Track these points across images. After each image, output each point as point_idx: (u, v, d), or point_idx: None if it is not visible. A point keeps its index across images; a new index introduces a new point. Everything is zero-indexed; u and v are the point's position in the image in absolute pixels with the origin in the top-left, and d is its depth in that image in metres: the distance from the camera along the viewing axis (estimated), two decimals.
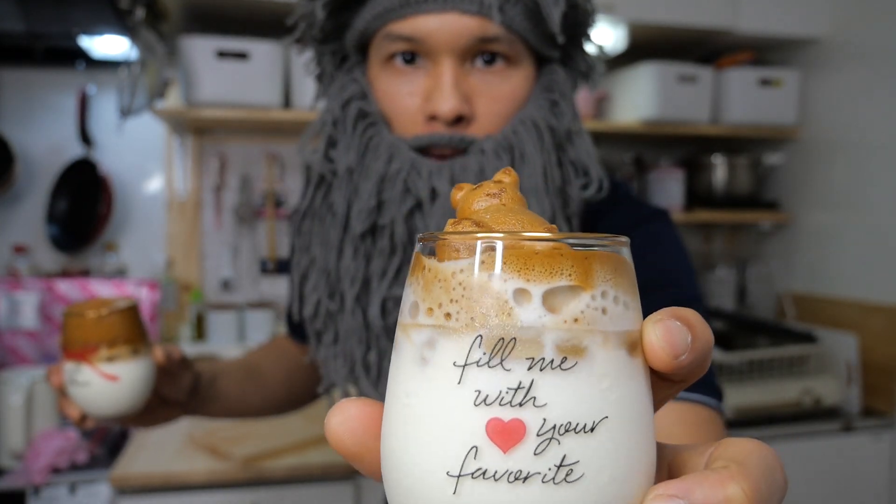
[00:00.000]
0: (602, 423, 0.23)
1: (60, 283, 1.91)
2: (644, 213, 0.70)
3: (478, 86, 0.62)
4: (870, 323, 1.95)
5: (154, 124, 2.02)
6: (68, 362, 0.64)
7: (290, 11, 0.70)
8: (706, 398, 0.57)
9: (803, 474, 1.85)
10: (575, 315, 0.23)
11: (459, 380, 0.22)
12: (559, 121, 0.64)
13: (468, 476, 0.22)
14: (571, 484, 0.22)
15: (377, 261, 0.63)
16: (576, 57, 0.68)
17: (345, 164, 0.64)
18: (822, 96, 2.16)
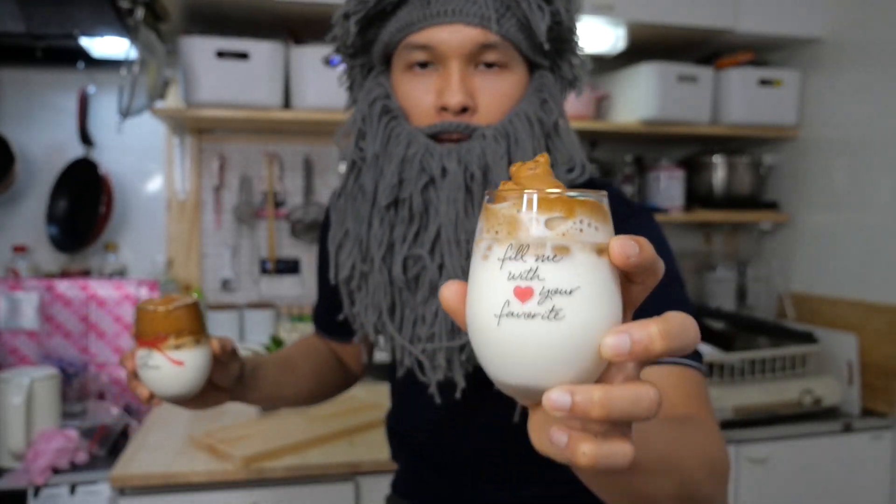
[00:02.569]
0: (576, 290, 0.39)
1: (60, 283, 1.91)
2: (634, 209, 0.82)
3: (480, 84, 0.76)
4: (870, 323, 1.95)
5: (154, 124, 2.02)
6: (141, 349, 0.75)
7: (290, 12, 0.81)
8: (685, 360, 0.72)
9: (803, 474, 1.85)
10: (563, 231, 0.40)
11: (500, 267, 0.40)
12: (548, 116, 0.78)
13: (504, 316, 0.39)
14: (558, 321, 0.39)
15: (399, 228, 0.77)
16: (562, 66, 0.82)
17: (372, 151, 0.78)
18: (822, 96, 2.16)
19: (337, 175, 2.24)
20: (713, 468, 0.60)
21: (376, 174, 0.78)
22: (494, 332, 0.40)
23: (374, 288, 0.79)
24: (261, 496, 1.45)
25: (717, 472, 0.61)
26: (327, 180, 2.25)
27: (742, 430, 1.80)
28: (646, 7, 1.95)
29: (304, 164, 2.22)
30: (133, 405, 1.91)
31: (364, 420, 1.68)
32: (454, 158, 0.74)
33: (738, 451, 1.80)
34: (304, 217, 2.21)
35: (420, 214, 0.76)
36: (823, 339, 2.00)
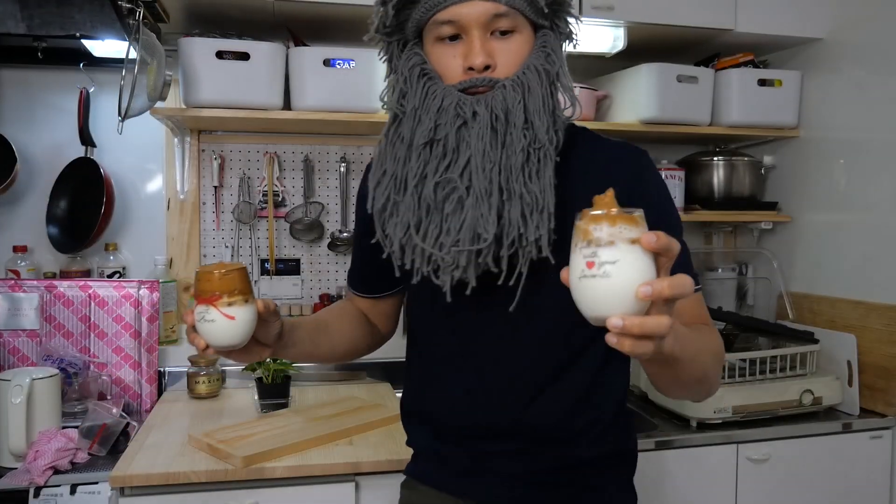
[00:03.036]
0: (617, 262, 0.66)
1: (60, 283, 1.91)
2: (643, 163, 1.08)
3: (497, 47, 0.94)
4: (869, 323, 1.95)
5: (154, 124, 2.02)
6: (199, 306, 0.91)
7: (290, 12, 0.89)
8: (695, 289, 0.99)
9: (803, 474, 1.85)
10: (610, 233, 0.66)
11: (580, 253, 0.68)
12: (551, 66, 0.96)
13: (582, 277, 0.67)
14: (607, 278, 0.66)
15: (432, 162, 0.93)
16: (559, 24, 0.99)
17: (412, 105, 0.95)
18: (821, 96, 2.16)
19: (337, 175, 2.25)
20: (716, 356, 0.97)
21: (414, 124, 0.95)
22: (578, 285, 0.68)
23: (404, 210, 0.94)
24: (261, 496, 1.45)
25: (718, 359, 0.98)
26: (327, 180, 2.25)
27: (742, 430, 1.81)
28: (646, 7, 1.95)
29: (304, 164, 2.22)
30: (133, 405, 1.91)
31: (364, 420, 1.68)
32: (482, 104, 0.92)
33: (738, 451, 1.80)
34: (304, 217, 2.21)
35: (453, 149, 0.92)
36: (823, 339, 2.00)
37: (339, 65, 1.86)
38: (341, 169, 2.24)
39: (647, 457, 1.73)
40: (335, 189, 2.25)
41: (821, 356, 2.00)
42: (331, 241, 2.24)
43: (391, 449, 1.54)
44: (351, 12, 1.85)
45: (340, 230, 2.25)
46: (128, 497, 1.40)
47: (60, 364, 1.82)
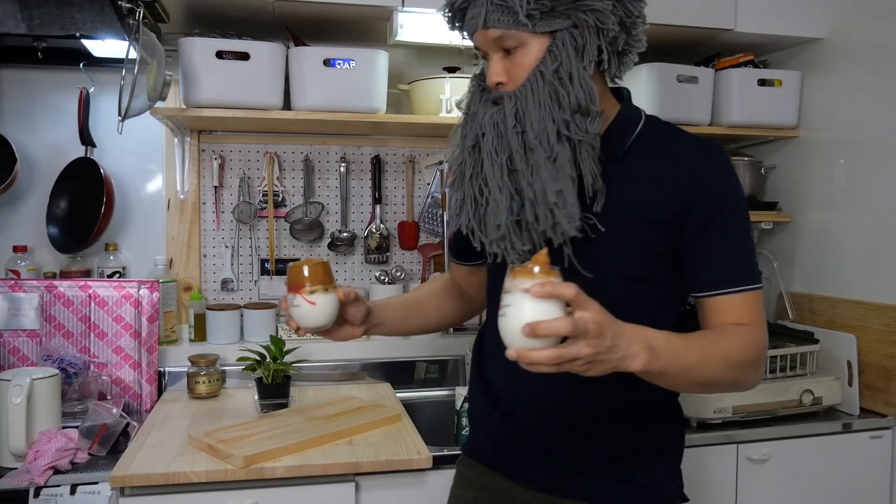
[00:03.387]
0: (511, 305, 0.84)
1: (60, 283, 1.91)
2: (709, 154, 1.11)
3: (507, 64, 1.06)
4: (869, 323, 1.95)
5: (154, 124, 2.02)
6: (290, 294, 1.12)
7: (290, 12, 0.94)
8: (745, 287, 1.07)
9: (803, 474, 1.85)
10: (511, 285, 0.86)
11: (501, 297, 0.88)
12: (552, 64, 1.02)
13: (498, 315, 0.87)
14: (504, 317, 0.84)
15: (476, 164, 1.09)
16: (581, 19, 1.02)
17: (472, 111, 1.12)
18: (822, 96, 2.16)
19: (337, 175, 2.25)
20: (732, 364, 1.01)
21: (468, 127, 1.11)
22: (497, 321, 0.86)
23: (467, 200, 1.10)
24: (261, 496, 1.45)
25: (737, 366, 1.01)
26: (327, 180, 2.25)
27: (742, 430, 1.81)
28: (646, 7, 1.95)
29: (304, 164, 2.22)
30: (133, 405, 1.91)
31: (364, 420, 1.68)
32: (490, 119, 1.07)
33: (738, 451, 1.80)
34: (304, 217, 2.21)
35: (479, 156, 1.08)
36: (823, 339, 2.00)
37: (339, 65, 1.86)
38: (341, 169, 2.24)
39: None
40: (335, 189, 2.25)
41: (821, 356, 2.00)
42: (331, 241, 2.24)
43: (391, 449, 1.54)
44: (351, 12, 1.85)
45: (340, 230, 2.25)
46: (128, 497, 1.40)
47: (60, 364, 1.82)
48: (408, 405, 1.89)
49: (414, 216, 2.31)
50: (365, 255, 2.28)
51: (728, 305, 1.04)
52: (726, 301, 1.05)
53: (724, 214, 1.05)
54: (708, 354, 0.98)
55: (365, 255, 2.28)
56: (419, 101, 2.05)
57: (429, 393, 2.12)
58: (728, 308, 1.04)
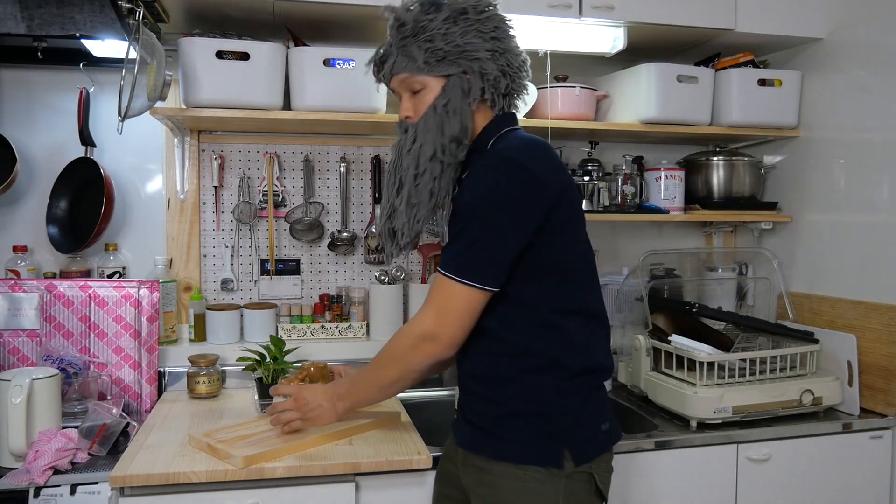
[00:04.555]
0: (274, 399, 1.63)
1: (60, 283, 1.91)
2: (487, 162, 1.30)
3: (415, 102, 1.35)
4: (869, 323, 1.95)
5: (154, 124, 2.02)
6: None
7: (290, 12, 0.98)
8: (440, 270, 1.30)
9: (803, 474, 1.85)
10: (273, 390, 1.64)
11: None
12: (440, 103, 1.31)
13: None
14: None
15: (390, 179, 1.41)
16: (468, 66, 1.31)
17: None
18: (821, 96, 2.16)
19: (337, 175, 2.25)
20: (384, 363, 1.36)
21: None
22: None
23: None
24: (261, 496, 1.45)
25: (386, 364, 1.36)
26: (327, 180, 2.25)
27: (742, 430, 1.81)
28: (646, 7, 1.95)
29: (304, 164, 2.22)
30: (133, 405, 1.91)
31: (364, 420, 1.68)
32: (398, 142, 1.37)
33: (738, 451, 1.80)
34: (304, 217, 2.21)
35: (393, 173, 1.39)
36: (823, 339, 2.00)
37: (339, 65, 1.86)
38: (341, 169, 2.24)
39: (648, 457, 1.73)
40: (335, 189, 2.25)
41: (821, 356, 2.00)
42: (331, 241, 2.24)
43: (391, 449, 1.54)
44: (351, 12, 1.85)
45: (340, 230, 2.25)
46: (128, 497, 1.40)
47: (60, 364, 1.82)
48: (408, 405, 1.89)
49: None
50: (365, 255, 2.28)
51: None
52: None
53: (457, 212, 1.29)
54: (372, 370, 1.39)
55: (365, 255, 2.28)
56: None
57: (429, 393, 2.12)
58: None
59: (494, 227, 1.23)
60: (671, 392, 1.87)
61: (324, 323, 2.16)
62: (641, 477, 1.73)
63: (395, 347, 1.33)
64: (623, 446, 1.68)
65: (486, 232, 1.23)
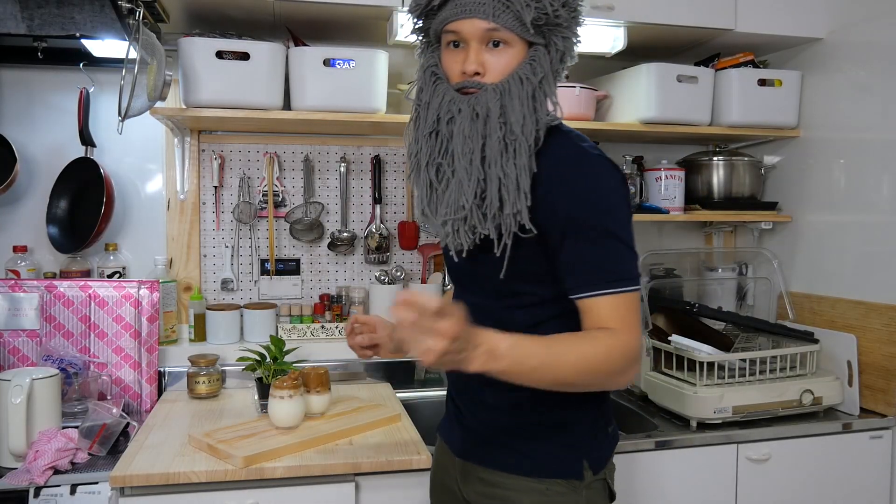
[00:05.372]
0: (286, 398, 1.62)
1: (60, 283, 1.91)
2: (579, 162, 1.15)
3: (488, 57, 1.14)
4: (869, 323, 1.95)
5: (154, 124, 2.02)
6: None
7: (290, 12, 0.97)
8: (618, 289, 1.12)
9: (803, 474, 1.85)
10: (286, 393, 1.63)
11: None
12: (534, 76, 1.13)
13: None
14: None
15: (434, 148, 1.17)
16: (556, 42, 1.15)
17: (425, 100, 1.18)
18: (822, 96, 2.16)
19: (337, 175, 2.25)
20: (587, 369, 1.06)
21: (426, 115, 1.18)
22: None
23: (422, 187, 1.19)
24: (261, 496, 1.45)
25: (590, 372, 1.07)
26: (327, 180, 2.25)
27: (742, 430, 1.81)
28: (646, 7, 1.96)
29: (304, 164, 2.22)
30: (133, 405, 1.91)
31: (364, 420, 1.68)
32: (466, 103, 1.13)
33: (738, 451, 1.80)
34: (304, 217, 2.21)
35: (446, 139, 1.15)
36: (823, 339, 2.00)
37: (339, 65, 1.86)
38: (341, 169, 2.24)
39: (648, 457, 1.73)
40: (335, 189, 2.25)
41: (821, 356, 2.00)
42: (331, 241, 2.24)
43: (391, 449, 1.54)
44: (351, 12, 1.85)
45: (340, 230, 2.25)
46: (128, 497, 1.40)
47: (60, 364, 1.82)
48: (408, 405, 1.89)
49: (414, 216, 2.31)
50: (365, 255, 2.28)
51: (591, 310, 1.10)
52: (588, 305, 1.11)
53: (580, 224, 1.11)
54: (558, 358, 1.05)
55: (365, 255, 2.28)
56: None
57: (429, 393, 2.12)
58: (592, 312, 1.10)
59: (623, 225, 1.12)
60: (671, 392, 1.87)
61: (324, 323, 2.16)
62: (642, 477, 1.73)
63: (603, 360, 1.07)
64: (623, 446, 1.68)
65: (623, 231, 1.12)
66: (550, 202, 1.11)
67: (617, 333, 1.09)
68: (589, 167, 1.14)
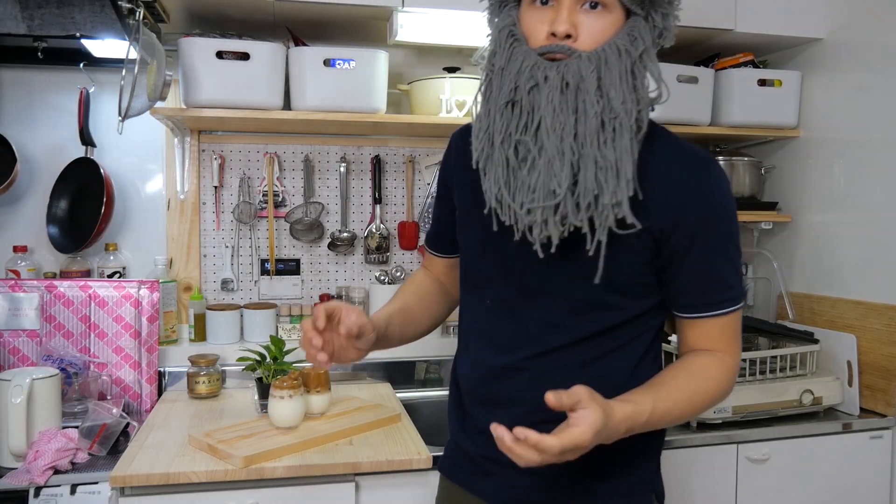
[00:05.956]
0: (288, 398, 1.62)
1: (60, 283, 1.91)
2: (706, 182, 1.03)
3: (583, 19, 0.96)
4: (869, 323, 1.95)
5: (154, 124, 2.02)
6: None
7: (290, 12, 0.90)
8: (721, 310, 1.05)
9: (803, 474, 1.85)
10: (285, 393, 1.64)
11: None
12: (635, 49, 0.98)
13: None
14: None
15: (513, 122, 0.97)
16: (654, 17, 1.01)
17: (499, 65, 1.00)
18: (822, 96, 2.16)
19: (337, 175, 2.25)
20: (702, 405, 1.00)
21: (500, 81, 0.99)
22: None
23: (494, 167, 1.00)
24: (261, 496, 1.45)
25: (703, 407, 1.01)
26: (327, 180, 2.25)
27: (742, 430, 1.81)
28: None
29: (304, 164, 2.22)
30: (133, 405, 1.91)
31: (364, 420, 1.68)
32: (555, 69, 0.95)
33: (738, 451, 1.80)
34: (304, 217, 2.21)
35: (528, 111, 0.96)
36: (823, 339, 2.00)
37: (339, 65, 1.86)
38: (341, 169, 2.24)
39: None
40: (335, 189, 2.25)
41: (821, 356, 2.00)
42: (331, 241, 2.24)
43: (391, 449, 1.54)
44: (351, 12, 1.85)
45: (340, 230, 2.25)
46: (128, 497, 1.40)
47: (60, 364, 1.82)
48: (408, 405, 1.89)
49: (414, 216, 2.31)
50: (365, 255, 2.28)
51: (702, 328, 1.04)
52: (700, 324, 1.04)
53: (713, 231, 1.01)
54: (676, 406, 0.98)
55: (365, 255, 2.28)
56: (419, 101, 2.05)
57: (429, 393, 2.12)
58: (702, 331, 1.04)
59: (739, 237, 1.05)
60: None
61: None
62: None
63: (720, 390, 1.03)
64: None
65: (740, 243, 1.04)
66: (676, 205, 0.98)
67: (724, 359, 1.03)
68: (716, 169, 1.04)
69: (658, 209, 0.99)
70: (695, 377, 1.01)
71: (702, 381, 1.00)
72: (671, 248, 1.00)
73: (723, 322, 1.03)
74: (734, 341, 1.04)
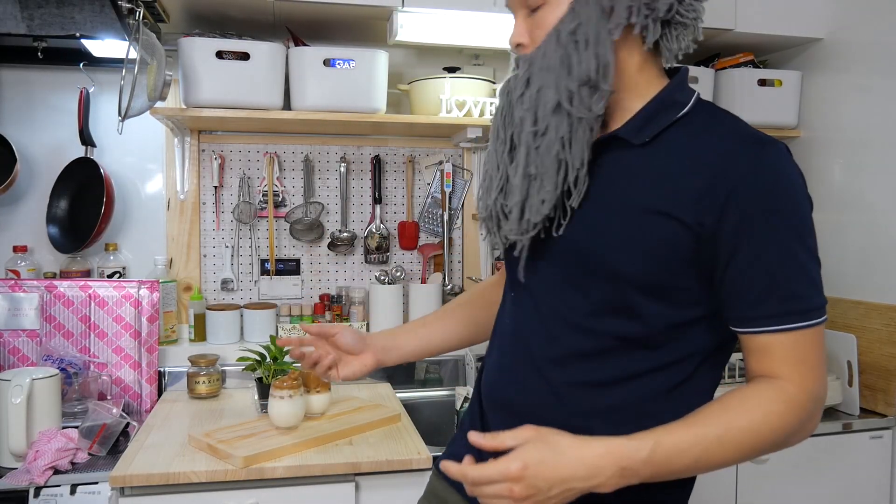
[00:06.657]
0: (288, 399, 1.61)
1: (60, 283, 1.91)
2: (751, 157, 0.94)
3: (531, 24, 0.95)
4: (869, 323, 1.95)
5: (154, 124, 2.02)
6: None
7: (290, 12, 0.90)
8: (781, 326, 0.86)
9: (803, 474, 1.85)
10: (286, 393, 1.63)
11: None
12: (570, 23, 0.89)
13: None
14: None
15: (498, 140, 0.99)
16: None
17: None
18: (822, 96, 2.16)
19: (337, 175, 2.25)
20: (757, 437, 0.82)
21: None
22: None
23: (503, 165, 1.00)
24: (261, 496, 1.45)
25: (765, 438, 0.82)
26: (327, 180, 2.25)
27: None
28: None
29: (304, 164, 2.22)
30: (133, 405, 1.91)
31: (364, 420, 1.68)
32: (505, 84, 0.98)
33: None
34: (304, 217, 2.21)
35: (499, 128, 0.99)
36: None
37: (339, 65, 1.86)
38: (341, 169, 2.24)
39: None
40: (335, 189, 2.25)
41: None
42: (331, 241, 2.24)
43: (391, 449, 1.54)
44: (351, 12, 1.85)
45: (340, 230, 2.25)
46: (128, 497, 1.40)
47: (60, 364, 1.82)
48: (408, 405, 1.89)
49: (414, 216, 2.31)
50: (365, 255, 2.28)
51: (760, 348, 0.85)
52: (757, 342, 0.85)
53: (768, 226, 0.83)
54: (717, 447, 0.81)
55: (365, 255, 2.28)
56: (419, 101, 2.06)
57: (429, 393, 2.12)
58: (760, 352, 0.85)
59: (814, 235, 0.87)
60: None
61: (324, 323, 2.16)
62: None
63: (772, 426, 0.82)
64: None
65: (814, 243, 0.87)
66: (720, 194, 0.83)
67: (785, 387, 0.83)
68: (777, 154, 0.91)
69: (696, 198, 0.84)
70: (730, 410, 0.83)
71: (742, 415, 0.82)
72: (716, 245, 0.84)
73: (788, 341, 0.83)
74: (803, 365, 0.83)
